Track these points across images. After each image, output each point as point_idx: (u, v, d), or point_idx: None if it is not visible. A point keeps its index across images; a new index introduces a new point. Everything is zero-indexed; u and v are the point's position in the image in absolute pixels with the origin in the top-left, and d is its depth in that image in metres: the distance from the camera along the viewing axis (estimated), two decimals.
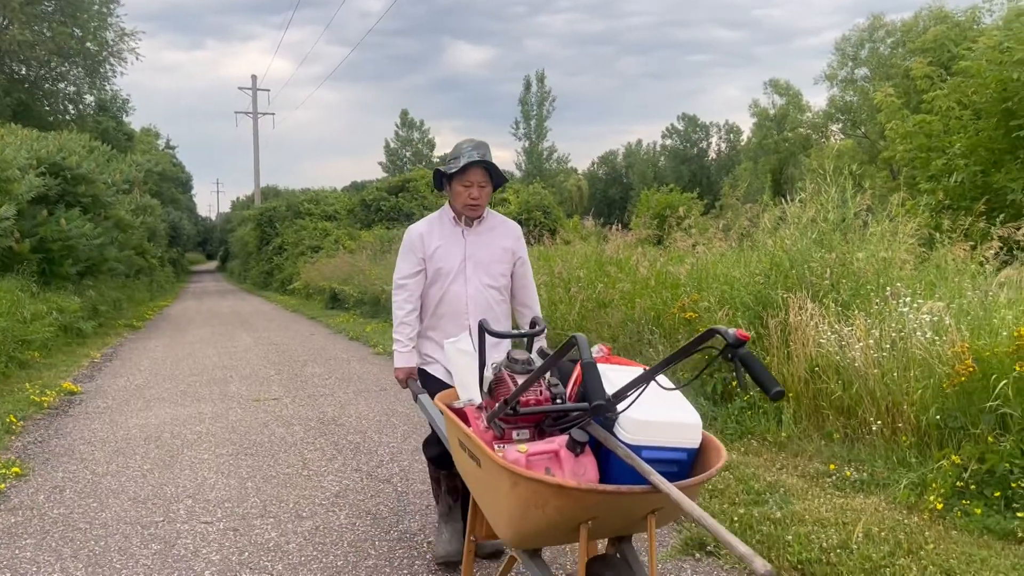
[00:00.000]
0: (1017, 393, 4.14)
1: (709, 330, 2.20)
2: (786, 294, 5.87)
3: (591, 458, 2.48)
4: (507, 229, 3.76)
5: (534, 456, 2.42)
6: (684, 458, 2.46)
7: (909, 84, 18.08)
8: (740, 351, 2.14)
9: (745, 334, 2.14)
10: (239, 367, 10.23)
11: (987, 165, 9.86)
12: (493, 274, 3.64)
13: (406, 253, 3.64)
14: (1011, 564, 3.44)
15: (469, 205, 3.53)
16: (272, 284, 30.63)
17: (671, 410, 2.50)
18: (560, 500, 2.25)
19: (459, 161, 3.46)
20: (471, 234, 3.63)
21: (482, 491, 2.60)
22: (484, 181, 3.51)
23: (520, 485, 2.29)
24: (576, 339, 2.22)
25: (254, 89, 42.95)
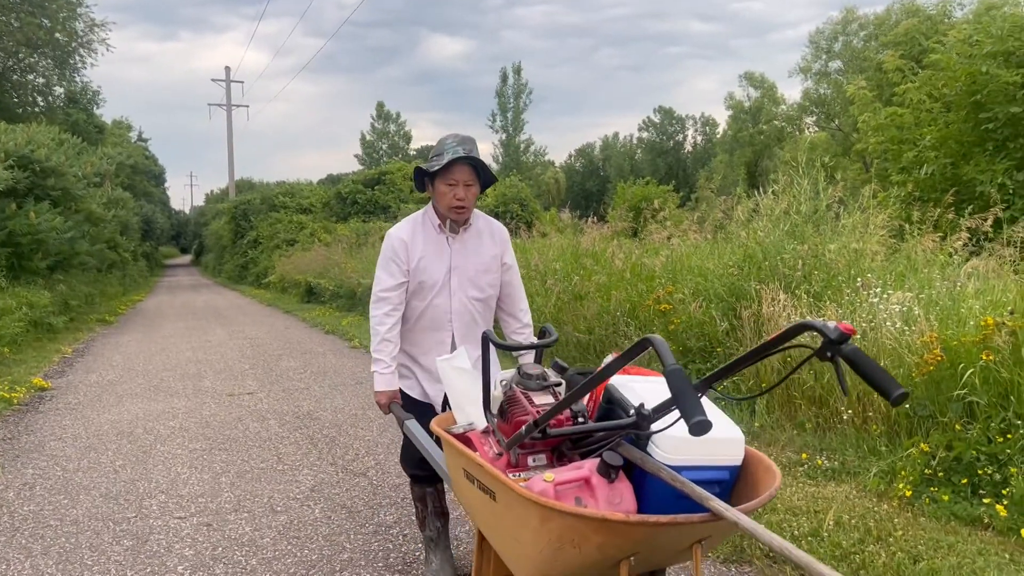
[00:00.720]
0: (984, 382, 4.21)
1: (798, 324, 1.79)
2: (759, 285, 5.92)
3: (627, 483, 2.16)
4: (494, 233, 3.40)
5: (563, 485, 2.09)
6: (727, 477, 2.22)
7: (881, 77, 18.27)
8: (844, 348, 1.73)
9: (850, 327, 1.73)
10: (213, 361, 10.15)
11: (957, 157, 9.99)
12: (480, 285, 3.32)
13: (387, 263, 3.25)
14: (977, 549, 3.50)
15: (455, 207, 3.16)
16: (247, 278, 30.39)
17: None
18: (603, 536, 1.95)
19: (442, 158, 3.09)
20: (456, 242, 3.28)
21: (498, 528, 2.27)
22: (471, 180, 3.15)
23: (553, 520, 1.97)
24: (652, 342, 1.84)
25: (227, 81, 42.53)
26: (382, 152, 67.24)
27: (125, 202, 29.21)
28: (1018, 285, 4.89)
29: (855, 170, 24.04)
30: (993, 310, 4.56)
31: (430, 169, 3.14)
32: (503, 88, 62.73)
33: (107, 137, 36.39)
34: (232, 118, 42.24)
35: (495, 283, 3.37)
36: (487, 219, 3.42)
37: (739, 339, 5.87)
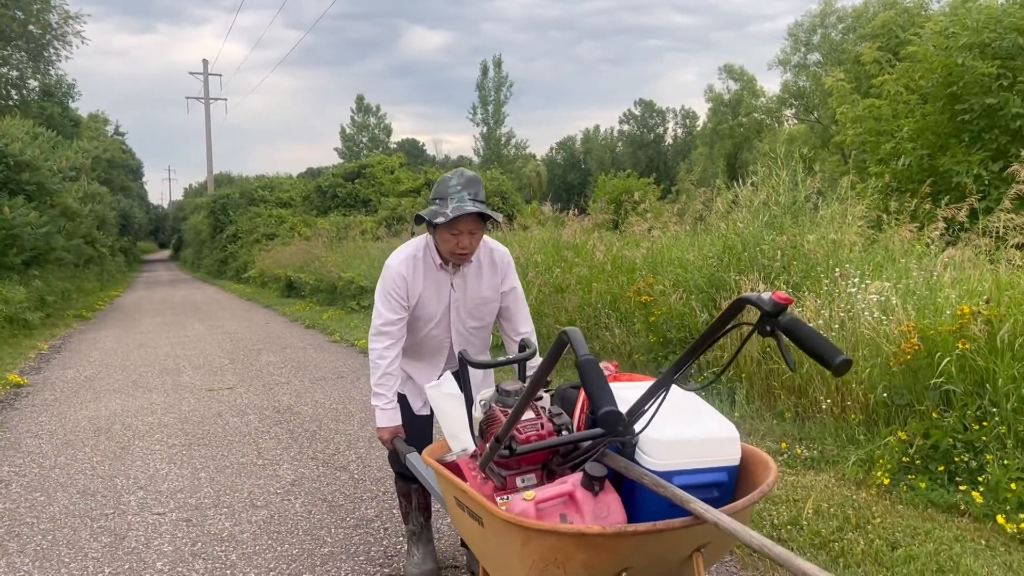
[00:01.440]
0: (960, 370, 4.25)
1: (737, 301, 1.71)
2: (738, 276, 5.95)
3: (614, 495, 2.05)
4: (495, 263, 3.22)
5: (544, 503, 1.98)
6: (725, 479, 2.09)
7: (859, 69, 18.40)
8: (782, 319, 1.65)
9: (785, 296, 1.65)
10: (192, 357, 10.07)
11: (933, 148, 10.06)
12: (478, 315, 3.23)
13: (388, 298, 3.10)
14: (954, 536, 3.54)
15: (458, 255, 3.00)
16: (227, 272, 30.18)
17: (700, 423, 2.16)
18: (585, 552, 1.85)
19: (445, 205, 2.89)
20: (458, 277, 3.15)
21: (489, 555, 2.19)
22: (476, 228, 2.95)
23: (533, 541, 1.88)
24: (567, 334, 1.78)
25: (205, 74, 42.13)
26: (362, 145, 66.94)
27: (102, 196, 28.93)
28: (993, 274, 4.94)
29: (834, 162, 24.20)
30: (969, 299, 4.60)
31: (432, 220, 2.91)
32: (484, 81, 62.63)
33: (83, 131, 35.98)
34: (210, 112, 41.88)
35: (494, 311, 3.28)
36: (489, 247, 3.21)
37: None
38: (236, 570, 3.58)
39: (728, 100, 47.95)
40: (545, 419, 2.25)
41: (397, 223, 21.59)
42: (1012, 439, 3.90)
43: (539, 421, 2.24)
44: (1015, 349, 4.09)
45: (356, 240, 19.96)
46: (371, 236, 20.45)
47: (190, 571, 3.59)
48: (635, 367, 6.62)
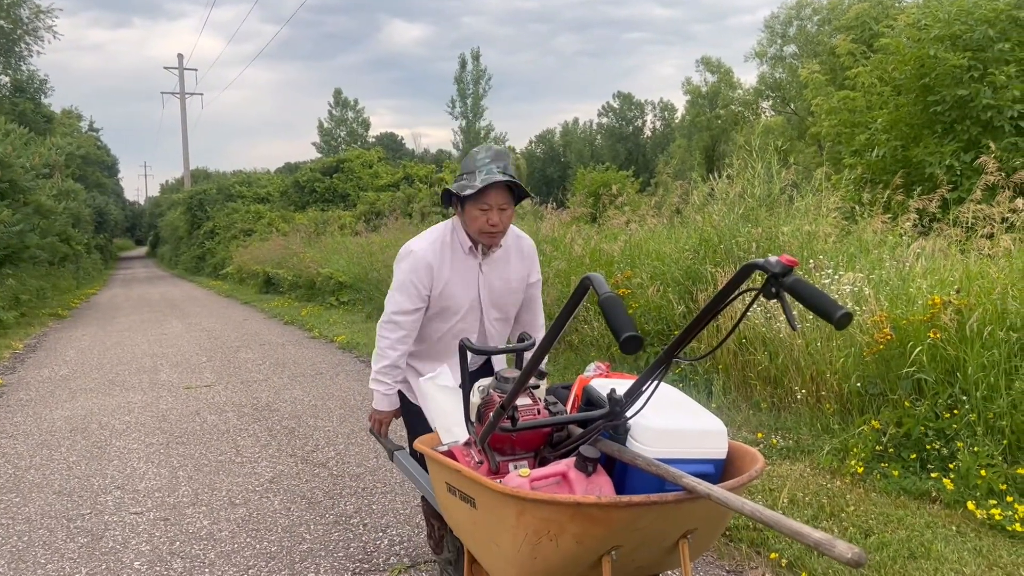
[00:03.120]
0: (932, 359, 4.32)
1: (746, 266, 1.75)
2: (714, 268, 5.99)
3: (606, 477, 2.10)
4: (522, 250, 3.06)
5: (539, 481, 2.03)
6: (711, 471, 2.13)
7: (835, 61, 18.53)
8: (788, 280, 1.68)
9: (792, 259, 1.69)
10: (170, 354, 9.99)
11: (907, 140, 10.17)
12: (504, 307, 3.04)
13: (407, 285, 2.86)
14: (925, 523, 3.60)
15: (488, 233, 2.80)
16: (204, 269, 29.97)
17: (690, 417, 2.21)
18: (579, 525, 1.88)
19: (474, 178, 2.71)
20: (487, 264, 2.94)
21: (480, 537, 2.19)
22: (506, 203, 2.76)
23: (528, 513, 1.91)
24: (589, 278, 1.80)
25: (180, 69, 41.74)
26: (340, 140, 66.61)
27: (76, 194, 28.55)
28: (964, 264, 5.01)
29: (810, 153, 24.39)
30: (940, 289, 4.67)
31: (461, 193, 2.73)
32: (462, 74, 62.47)
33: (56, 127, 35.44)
34: (186, 107, 41.49)
35: (518, 303, 3.10)
36: (516, 234, 3.05)
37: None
38: (215, 568, 3.57)
39: (706, 92, 48.12)
40: (541, 407, 2.26)
41: (376, 218, 21.51)
42: (982, 426, 3.96)
43: (536, 408, 2.24)
44: (984, 338, 4.16)
45: (334, 235, 19.88)
46: (350, 231, 20.37)
47: (168, 570, 3.57)
48: (613, 360, 6.66)
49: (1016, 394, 3.90)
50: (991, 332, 4.16)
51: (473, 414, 2.35)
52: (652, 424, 2.08)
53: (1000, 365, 4.04)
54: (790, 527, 1.66)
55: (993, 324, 4.19)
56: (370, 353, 9.18)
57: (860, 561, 1.51)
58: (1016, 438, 3.87)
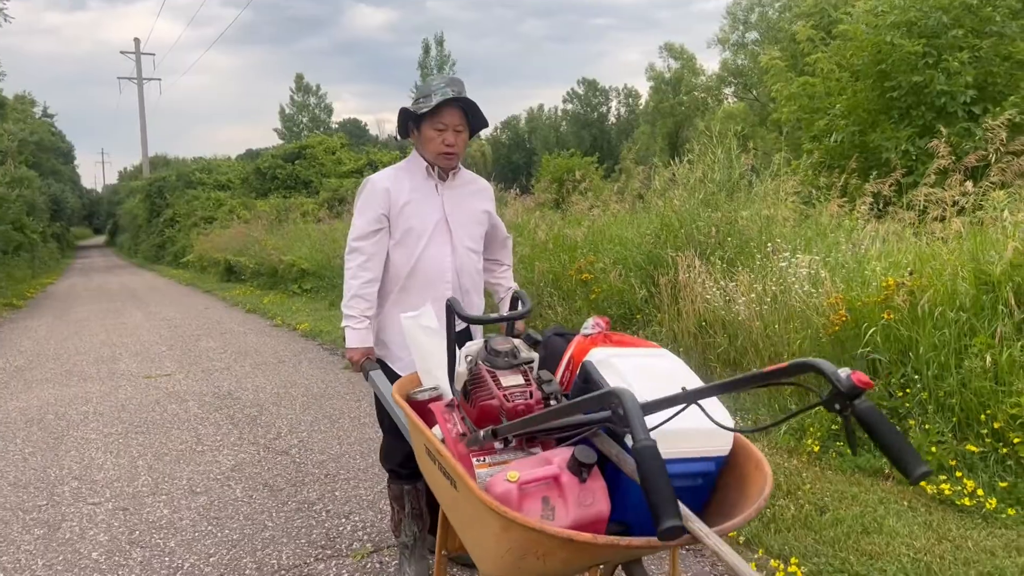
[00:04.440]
0: (885, 339, 4.41)
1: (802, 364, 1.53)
2: (675, 253, 6.05)
3: (600, 483, 1.92)
4: (480, 187, 3.13)
5: (528, 484, 1.87)
6: (712, 469, 2.04)
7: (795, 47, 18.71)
8: (859, 404, 1.50)
9: (866, 380, 1.48)
10: (129, 344, 9.84)
11: (864, 125, 10.33)
12: (474, 236, 3.03)
13: (365, 208, 2.89)
14: (878, 499, 3.69)
15: (443, 154, 2.86)
16: (164, 258, 29.51)
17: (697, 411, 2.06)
18: (568, 552, 1.78)
19: (430, 100, 2.77)
20: (446, 188, 2.96)
21: (461, 517, 2.08)
22: (461, 124, 2.85)
23: (514, 531, 1.78)
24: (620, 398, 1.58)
25: (137, 53, 40.89)
26: (303, 126, 65.84)
27: (30, 181, 27.90)
28: (916, 247, 5.12)
29: (771, 139, 24.63)
30: (894, 271, 4.76)
31: (417, 111, 2.79)
32: (426, 59, 61.99)
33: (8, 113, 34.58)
34: (144, 92, 40.69)
35: (484, 236, 3.11)
36: (471, 174, 3.15)
37: (657, 306, 5.99)
38: (175, 557, 3.55)
39: (669, 79, 48.37)
40: (534, 387, 2.08)
41: (339, 204, 21.33)
42: (933, 404, 4.07)
43: (528, 389, 2.07)
44: (935, 319, 4.26)
45: (297, 223, 19.68)
46: (312, 218, 20.17)
47: (127, 560, 3.54)
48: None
49: (965, 373, 4.00)
50: (942, 313, 4.26)
51: (459, 384, 2.22)
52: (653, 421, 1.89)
53: (950, 345, 4.15)
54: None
55: (944, 305, 4.29)
56: (334, 340, 9.15)
57: None
58: (965, 415, 3.98)
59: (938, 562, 3.07)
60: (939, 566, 3.04)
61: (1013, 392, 3.77)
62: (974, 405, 3.93)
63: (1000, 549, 3.16)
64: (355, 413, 5.96)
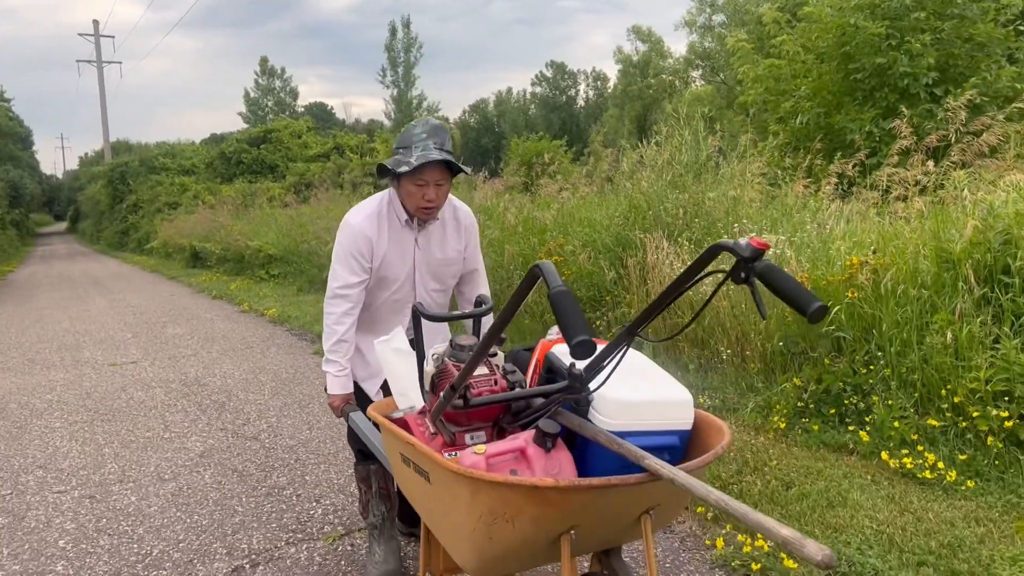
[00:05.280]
0: (849, 317, 4.48)
1: (713, 247, 1.65)
2: (643, 235, 6.08)
3: (566, 453, 2.02)
4: (459, 221, 3.02)
5: (495, 457, 1.95)
6: (676, 443, 2.06)
7: (761, 30, 18.81)
8: (758, 265, 1.60)
9: (763, 242, 1.60)
10: (93, 331, 9.69)
11: (829, 107, 10.42)
12: (442, 277, 3.02)
13: (348, 258, 2.84)
14: (843, 473, 3.77)
15: (424, 208, 2.79)
16: (128, 244, 29.06)
17: (655, 386, 2.12)
18: (536, 507, 1.81)
19: (410, 153, 2.69)
20: (422, 236, 2.92)
21: (436, 513, 2.13)
22: (442, 179, 2.75)
23: (482, 493, 1.82)
24: (539, 267, 1.68)
25: (96, 35, 40.02)
26: (267, 109, 65.03)
27: None
28: (879, 226, 5.19)
29: (738, 122, 24.78)
30: (858, 250, 4.83)
31: (397, 169, 2.70)
32: (392, 42, 61.43)
33: None
34: (104, 76, 39.87)
35: (457, 273, 3.08)
36: (453, 205, 3.02)
37: (626, 287, 6.02)
38: (144, 544, 3.52)
39: (637, 62, 48.44)
40: (499, 375, 2.19)
41: (306, 189, 21.13)
42: (896, 381, 4.14)
43: (493, 378, 2.18)
44: (898, 296, 4.33)
45: (263, 207, 19.47)
46: (279, 203, 19.97)
47: (95, 547, 3.50)
48: (546, 326, 6.72)
49: (927, 349, 4.08)
50: (904, 291, 4.33)
51: (427, 383, 2.28)
52: (615, 396, 2.00)
53: (912, 322, 4.22)
54: (757, 521, 1.56)
55: (906, 283, 4.36)
56: (302, 325, 9.08)
57: (831, 563, 1.41)
58: (927, 391, 4.06)
59: (900, 533, 3.14)
60: (901, 537, 3.11)
61: (972, 367, 3.85)
62: (935, 380, 4.01)
63: (960, 520, 3.24)
64: (324, 398, 5.91)
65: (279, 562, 3.30)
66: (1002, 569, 2.82)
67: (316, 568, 3.23)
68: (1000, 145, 6.24)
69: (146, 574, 3.23)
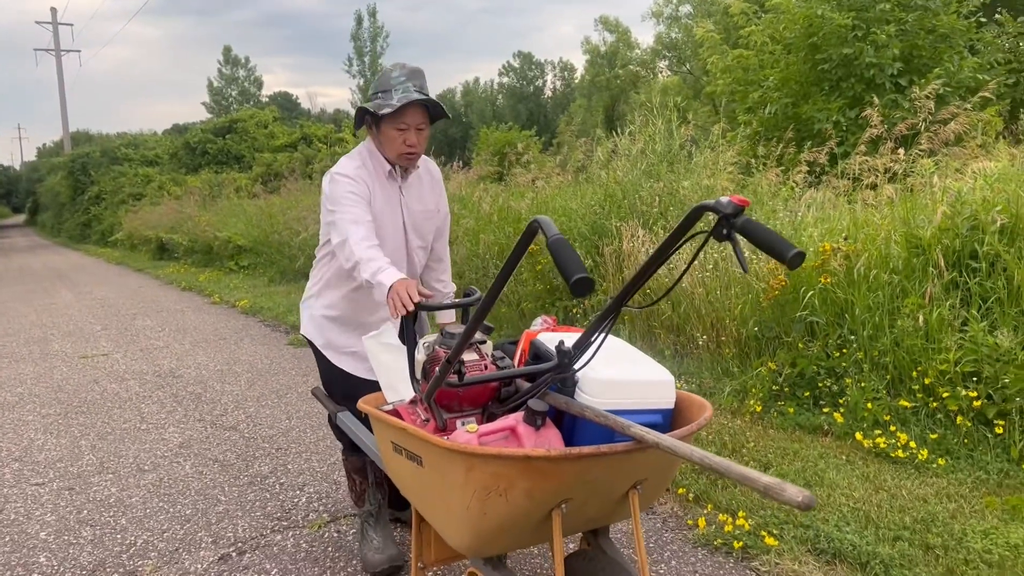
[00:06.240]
0: (822, 302, 4.58)
1: (696, 208, 1.72)
2: (619, 223, 6.14)
3: (554, 430, 2.09)
4: (432, 174, 3.01)
5: (487, 436, 2.02)
6: (659, 421, 2.14)
7: (728, 20, 18.97)
8: (739, 221, 1.67)
9: (744, 199, 1.67)
10: (61, 324, 9.54)
11: (797, 97, 10.57)
12: (422, 233, 2.95)
13: (351, 195, 2.68)
14: (818, 454, 3.86)
15: (405, 154, 2.75)
16: (91, 236, 28.54)
17: (638, 367, 2.21)
18: (528, 479, 1.86)
19: (390, 96, 2.65)
20: (406, 188, 2.87)
21: (428, 496, 2.16)
22: (423, 122, 2.73)
23: (476, 468, 1.87)
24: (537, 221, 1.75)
25: (54, 23, 39.17)
26: (232, 99, 64.18)
27: None
28: (851, 213, 5.31)
29: (705, 112, 25.00)
30: (830, 237, 4.93)
31: (378, 112, 2.65)
32: (358, 31, 60.95)
33: None
34: (63, 65, 39.04)
35: (434, 229, 3.02)
36: (423, 159, 2.99)
37: (603, 275, 6.08)
38: (127, 534, 3.50)
39: (605, 52, 48.56)
40: (488, 362, 2.25)
41: (274, 179, 20.92)
42: (868, 363, 4.25)
43: (483, 363, 2.23)
44: (870, 281, 4.44)
45: (231, 198, 19.26)
46: (247, 194, 19.76)
47: (77, 538, 3.48)
48: (523, 315, 6.77)
49: (898, 332, 4.19)
50: (875, 275, 4.44)
51: (418, 371, 2.31)
52: (600, 376, 2.08)
53: (884, 306, 4.33)
54: (739, 472, 1.63)
55: (877, 268, 4.47)
56: (275, 316, 9.03)
57: (810, 504, 1.48)
58: (898, 373, 4.17)
59: (875, 510, 3.24)
60: (876, 514, 3.21)
61: (942, 349, 3.96)
62: (906, 363, 4.12)
63: (932, 496, 3.35)
64: (302, 388, 5.92)
65: (266, 549, 3.30)
66: (974, 542, 2.92)
67: (303, 555, 3.25)
68: (965, 134, 6.40)
69: (132, 564, 3.22)
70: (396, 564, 2.99)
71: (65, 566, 3.23)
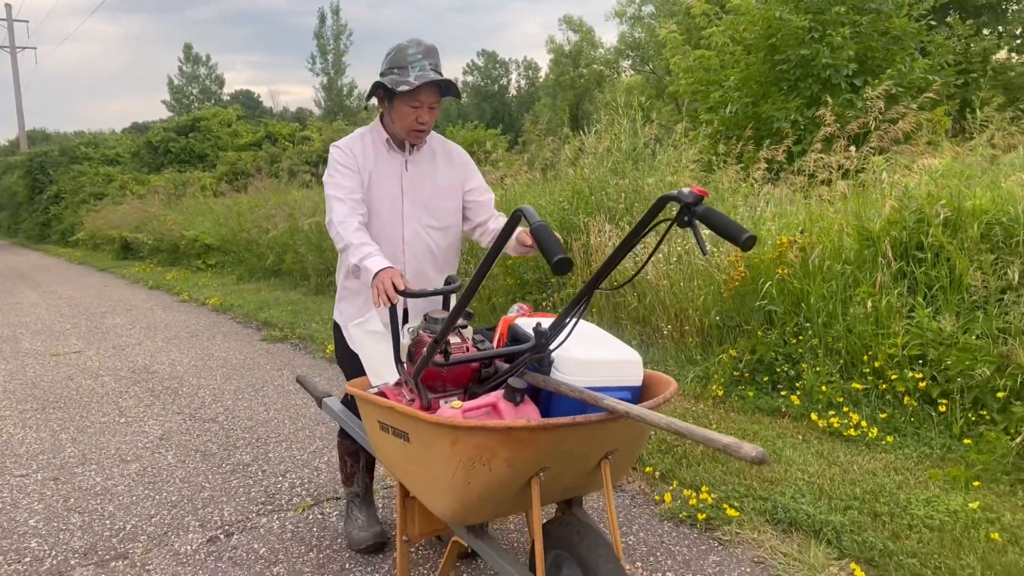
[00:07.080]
0: (780, 292, 4.83)
1: (661, 199, 1.88)
2: (587, 219, 6.34)
3: (532, 407, 2.23)
4: (451, 155, 3.01)
5: (470, 412, 2.15)
6: (628, 398, 2.28)
7: (690, 21, 19.31)
8: (699, 209, 1.84)
9: (702, 189, 1.85)
10: (29, 323, 9.51)
11: (756, 96, 10.88)
12: (436, 213, 2.91)
13: (342, 168, 2.79)
14: (776, 434, 4.09)
15: (415, 131, 2.80)
16: (51, 236, 28.12)
17: (608, 348, 2.36)
18: (510, 448, 2.02)
19: (407, 73, 2.68)
20: (413, 163, 2.89)
21: (414, 471, 2.30)
22: (435, 101, 2.78)
23: (461, 441, 2.03)
24: (521, 209, 1.91)
25: (9, 20, 38.42)
26: (193, 98, 63.41)
27: None
28: (807, 208, 5.56)
29: (667, 112, 25.37)
30: (787, 230, 5.18)
31: (396, 88, 2.68)
32: (322, 29, 60.53)
33: None
34: (18, 61, 38.31)
35: (456, 210, 2.97)
36: (440, 139, 3.02)
37: (573, 269, 6.28)
38: (115, 520, 3.61)
39: (569, 51, 48.85)
40: (470, 344, 2.38)
41: (239, 178, 20.83)
42: (822, 349, 4.50)
43: (464, 346, 2.37)
44: (824, 271, 4.69)
45: (196, 197, 19.15)
46: (212, 192, 19.66)
47: (66, 524, 3.58)
48: (495, 309, 6.94)
49: (850, 319, 4.44)
50: (829, 266, 4.69)
51: (404, 355, 2.42)
52: (574, 355, 2.24)
53: (837, 295, 4.58)
54: (702, 434, 1.79)
55: (831, 259, 4.73)
56: (247, 313, 9.09)
57: (764, 459, 1.65)
58: (850, 357, 4.42)
59: (829, 484, 3.47)
60: (830, 487, 3.44)
61: (891, 335, 4.22)
62: (858, 348, 4.38)
63: (881, 470, 3.59)
64: (278, 382, 6.04)
65: (253, 531, 3.44)
66: (917, 509, 3.16)
67: (289, 535, 3.39)
68: (913, 132, 6.71)
69: (123, 547, 3.34)
70: (380, 541, 3.16)
71: (57, 550, 3.34)
